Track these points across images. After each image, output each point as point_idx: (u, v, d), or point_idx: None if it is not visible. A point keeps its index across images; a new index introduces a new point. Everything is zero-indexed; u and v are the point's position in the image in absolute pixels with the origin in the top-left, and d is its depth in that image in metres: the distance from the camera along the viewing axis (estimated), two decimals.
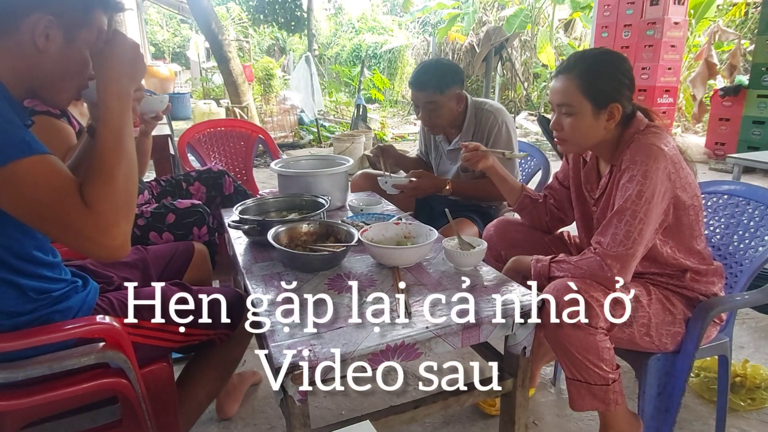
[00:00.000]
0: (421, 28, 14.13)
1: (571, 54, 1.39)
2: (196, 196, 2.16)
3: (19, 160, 0.84)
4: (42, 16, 0.91)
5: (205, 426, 1.66)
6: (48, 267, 1.05)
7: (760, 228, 1.42)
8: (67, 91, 1.03)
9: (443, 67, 2.03)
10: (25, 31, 0.92)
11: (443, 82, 1.97)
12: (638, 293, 1.28)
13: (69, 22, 0.95)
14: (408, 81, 2.14)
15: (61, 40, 0.95)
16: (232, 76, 6.92)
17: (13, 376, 0.95)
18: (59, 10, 0.93)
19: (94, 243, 0.88)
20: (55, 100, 1.04)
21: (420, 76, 2.01)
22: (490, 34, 6.32)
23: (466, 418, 1.69)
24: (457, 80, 2.01)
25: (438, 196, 2.31)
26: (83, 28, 0.98)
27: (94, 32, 1.00)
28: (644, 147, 1.24)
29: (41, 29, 0.92)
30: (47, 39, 0.93)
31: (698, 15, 7.58)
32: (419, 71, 2.04)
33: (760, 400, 1.73)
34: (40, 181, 0.85)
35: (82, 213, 0.87)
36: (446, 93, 1.98)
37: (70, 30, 0.96)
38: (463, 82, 2.05)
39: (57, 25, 0.94)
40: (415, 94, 2.04)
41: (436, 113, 2.02)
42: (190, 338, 1.24)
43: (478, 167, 1.64)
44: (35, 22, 0.91)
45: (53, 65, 0.97)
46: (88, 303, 1.12)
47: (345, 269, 1.39)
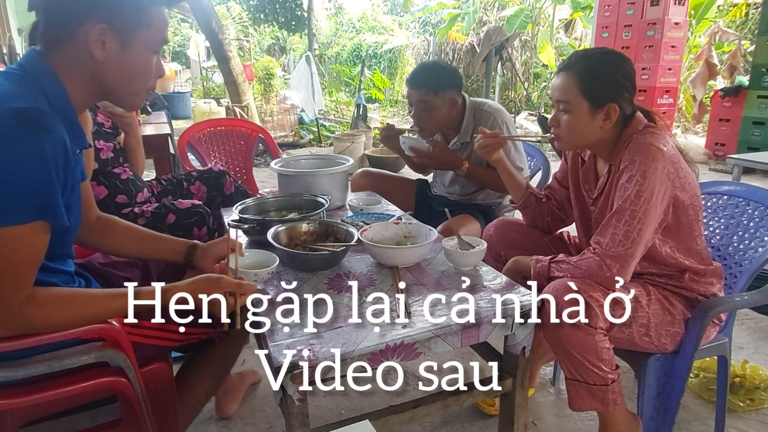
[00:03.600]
0: (422, 28, 14.13)
1: (574, 52, 1.39)
2: (197, 195, 2.16)
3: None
4: (94, 24, 0.91)
5: (205, 425, 1.66)
6: (53, 273, 1.06)
7: (759, 229, 1.42)
8: (136, 94, 1.03)
9: (440, 69, 2.03)
10: (80, 41, 0.92)
11: (438, 83, 1.97)
12: (638, 293, 1.28)
13: (123, 26, 0.94)
14: (405, 80, 2.14)
15: (119, 45, 0.94)
16: (232, 75, 6.91)
17: (12, 375, 0.95)
18: (110, 16, 0.92)
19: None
20: (127, 102, 1.05)
21: (417, 74, 2.02)
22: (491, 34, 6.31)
23: (465, 418, 1.69)
24: (453, 84, 2.00)
25: (438, 196, 2.32)
26: (140, 29, 0.96)
27: (156, 31, 0.98)
28: (643, 147, 1.24)
29: (95, 37, 0.91)
30: (103, 47, 0.93)
31: (699, 15, 7.58)
32: (417, 69, 2.06)
33: (759, 400, 1.73)
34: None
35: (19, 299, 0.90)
36: (440, 95, 1.98)
37: (126, 34, 0.94)
38: (461, 87, 2.05)
39: (111, 31, 0.92)
40: (409, 92, 2.05)
41: (427, 114, 2.01)
42: (189, 337, 1.24)
43: (491, 157, 1.64)
44: (88, 32, 0.91)
45: (116, 71, 0.96)
46: None
47: (345, 269, 1.39)
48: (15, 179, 0.83)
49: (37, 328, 0.94)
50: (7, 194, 0.83)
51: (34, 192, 0.85)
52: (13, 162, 0.82)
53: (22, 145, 0.83)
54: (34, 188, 0.85)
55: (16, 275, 0.89)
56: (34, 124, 0.84)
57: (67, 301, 0.97)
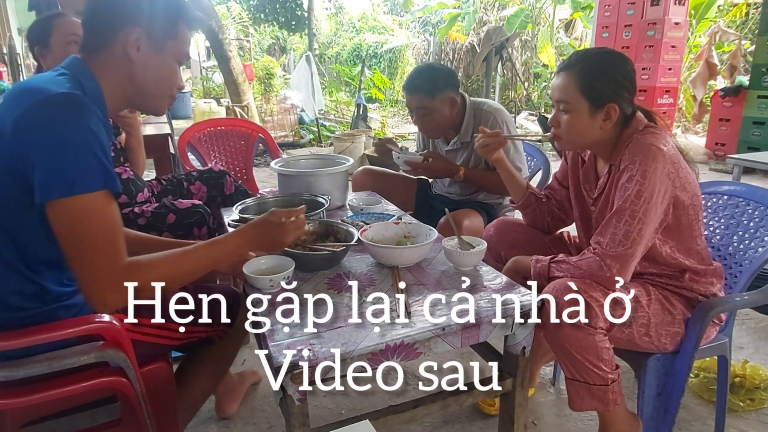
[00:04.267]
0: (422, 28, 14.13)
1: (574, 52, 1.39)
2: (197, 195, 2.16)
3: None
4: (132, 29, 1.02)
5: (205, 425, 1.66)
6: (61, 270, 1.07)
7: (759, 228, 1.42)
8: (161, 97, 1.13)
9: (435, 71, 2.02)
10: (118, 44, 1.03)
11: (434, 86, 1.96)
12: (638, 293, 1.28)
13: (157, 33, 1.06)
14: (401, 85, 2.14)
15: (151, 49, 1.06)
16: (232, 75, 6.91)
17: (12, 374, 0.95)
18: (147, 24, 1.04)
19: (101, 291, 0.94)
20: (151, 106, 1.15)
21: (412, 80, 2.01)
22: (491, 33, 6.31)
23: (465, 418, 1.69)
24: (449, 84, 2.00)
25: (439, 196, 2.32)
26: (170, 39, 1.08)
27: (181, 44, 1.11)
28: (643, 147, 1.24)
29: (133, 41, 1.03)
30: (138, 50, 1.04)
31: (699, 15, 7.58)
32: (412, 75, 2.04)
33: (759, 400, 1.73)
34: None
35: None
36: (437, 97, 1.97)
37: (158, 41, 1.06)
38: (457, 86, 2.04)
39: (146, 36, 1.04)
40: (408, 98, 2.05)
41: (428, 117, 2.02)
42: (189, 336, 1.25)
43: (492, 156, 1.64)
44: (127, 35, 1.02)
45: (145, 72, 1.07)
46: None
47: (345, 269, 1.39)
48: (78, 151, 0.91)
49: (145, 289, 0.98)
50: (77, 164, 0.90)
51: (96, 162, 0.92)
52: (72, 136, 0.91)
53: (76, 120, 0.92)
54: (96, 159, 0.92)
55: (111, 240, 0.95)
56: (81, 105, 0.94)
57: (165, 261, 1.04)
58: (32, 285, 1.01)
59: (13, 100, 0.94)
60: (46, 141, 0.89)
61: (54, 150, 0.89)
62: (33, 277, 1.01)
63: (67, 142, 0.90)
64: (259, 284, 1.21)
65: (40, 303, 1.03)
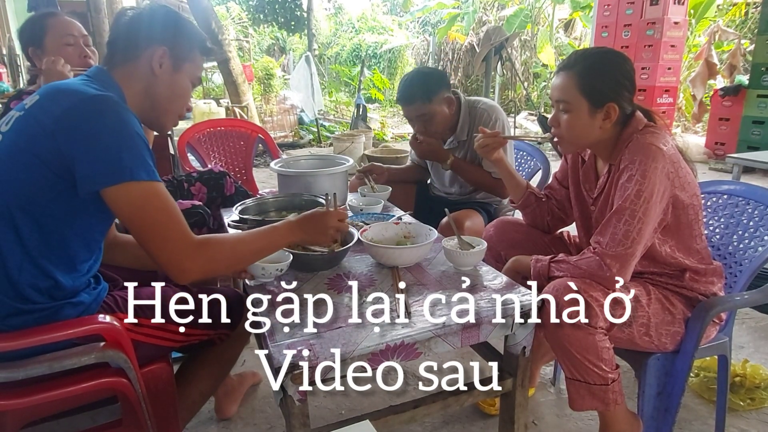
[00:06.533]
0: (421, 28, 14.14)
1: (574, 51, 1.39)
2: (197, 196, 2.16)
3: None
4: (159, 47, 1.14)
5: (205, 426, 1.66)
6: (75, 264, 1.09)
7: (759, 228, 1.42)
8: (172, 113, 1.23)
9: (424, 76, 2.01)
10: (144, 59, 1.14)
11: (429, 90, 1.95)
12: (638, 293, 1.28)
13: (178, 54, 1.17)
14: (395, 99, 2.13)
15: (171, 68, 1.17)
16: (232, 75, 6.91)
17: (13, 375, 0.95)
18: (171, 45, 1.16)
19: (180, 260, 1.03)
20: (161, 121, 1.23)
21: (405, 90, 1.99)
22: (490, 33, 6.31)
23: (465, 418, 1.69)
24: (442, 85, 1.99)
25: (438, 196, 2.32)
26: (188, 61, 1.20)
27: (195, 68, 1.23)
28: (643, 147, 1.24)
29: (158, 57, 1.14)
30: (161, 66, 1.15)
31: (698, 15, 7.58)
32: (403, 86, 2.01)
33: (759, 399, 1.73)
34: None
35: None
36: (434, 100, 1.96)
37: (178, 61, 1.18)
38: (449, 85, 2.04)
39: (169, 55, 1.16)
40: (405, 110, 2.04)
41: (430, 122, 2.01)
42: (190, 338, 1.25)
43: (491, 156, 1.64)
44: (154, 51, 1.14)
45: (163, 87, 1.17)
46: (98, 301, 1.14)
47: (345, 269, 1.39)
48: (132, 142, 0.99)
49: (217, 262, 1.09)
50: (131, 153, 0.99)
51: (148, 154, 1.02)
52: (122, 129, 0.99)
53: (121, 116, 1.00)
54: (147, 150, 1.02)
55: (179, 219, 1.04)
56: (120, 105, 1.03)
57: (231, 240, 1.14)
58: (47, 280, 1.03)
59: (48, 101, 1.01)
60: (97, 134, 0.96)
61: (106, 141, 0.97)
62: (50, 271, 1.03)
63: (119, 134, 0.98)
64: (252, 270, 1.25)
65: (50, 299, 1.04)
